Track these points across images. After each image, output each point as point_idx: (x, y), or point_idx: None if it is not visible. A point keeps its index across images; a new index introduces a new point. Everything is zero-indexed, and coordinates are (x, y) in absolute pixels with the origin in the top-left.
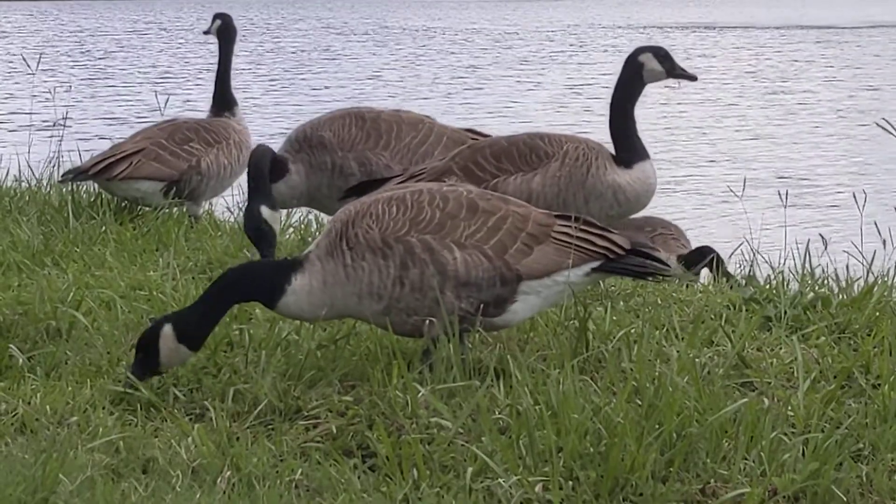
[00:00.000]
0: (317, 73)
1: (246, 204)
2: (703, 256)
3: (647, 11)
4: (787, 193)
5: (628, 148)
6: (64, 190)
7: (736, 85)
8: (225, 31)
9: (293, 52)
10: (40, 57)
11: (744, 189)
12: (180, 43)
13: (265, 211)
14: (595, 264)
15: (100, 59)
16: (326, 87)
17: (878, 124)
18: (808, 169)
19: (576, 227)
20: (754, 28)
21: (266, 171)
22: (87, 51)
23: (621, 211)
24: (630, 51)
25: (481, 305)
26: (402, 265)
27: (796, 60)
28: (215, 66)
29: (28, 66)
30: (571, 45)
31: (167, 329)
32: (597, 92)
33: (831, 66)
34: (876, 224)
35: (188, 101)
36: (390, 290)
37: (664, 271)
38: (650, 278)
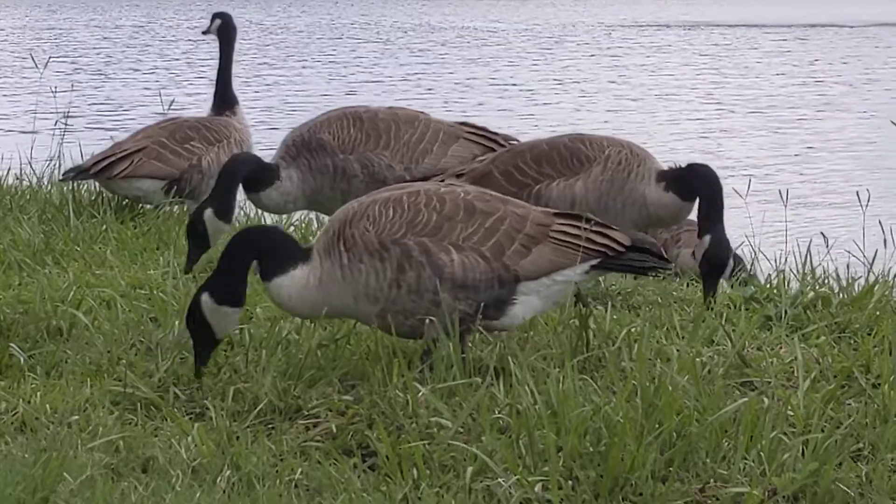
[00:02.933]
0: (289, 71)
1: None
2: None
3: (642, 9)
4: (787, 192)
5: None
6: (65, 188)
7: (728, 84)
8: (225, 30)
9: (272, 50)
10: (49, 59)
11: (748, 189)
12: (182, 41)
13: (208, 214)
14: (594, 262)
15: (101, 57)
16: (288, 84)
17: (893, 122)
18: (807, 168)
19: (584, 228)
20: (757, 26)
21: (235, 179)
22: (88, 49)
23: (650, 223)
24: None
25: (480, 307)
26: (399, 268)
27: (790, 58)
28: (216, 65)
29: (35, 64)
30: (553, 43)
31: (205, 298)
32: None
33: (829, 65)
34: (880, 222)
35: (190, 99)
36: (387, 293)
37: (664, 267)
38: (651, 274)
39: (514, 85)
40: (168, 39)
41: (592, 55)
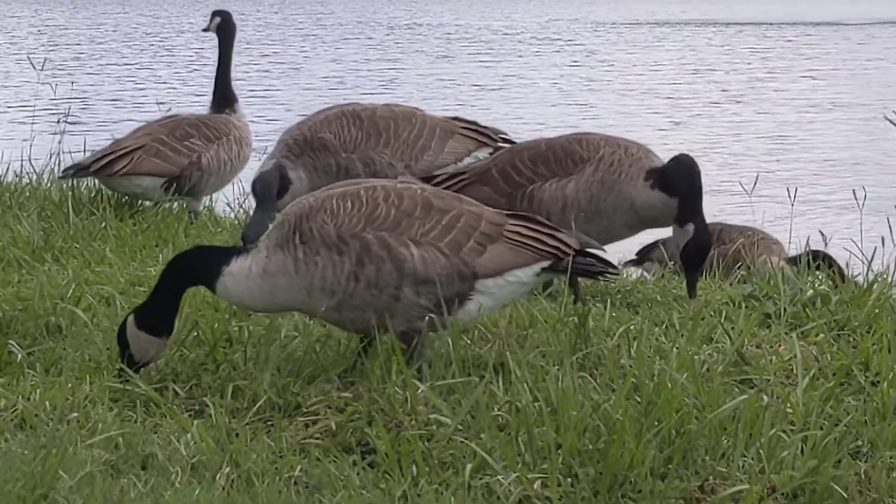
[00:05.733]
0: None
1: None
2: (814, 260)
3: (646, 6)
4: (795, 191)
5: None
6: (64, 186)
7: (729, 81)
8: (224, 28)
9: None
10: (45, 60)
11: (754, 186)
12: (182, 39)
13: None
14: (545, 264)
15: (102, 55)
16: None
17: (887, 118)
18: (807, 165)
19: (535, 230)
20: (764, 24)
21: (274, 191)
22: (90, 47)
23: (643, 225)
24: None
25: (441, 302)
26: (358, 261)
27: (791, 56)
28: (216, 63)
29: (33, 66)
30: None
31: (130, 319)
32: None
33: (828, 63)
34: (888, 220)
35: (190, 97)
36: (344, 286)
37: (612, 273)
38: (599, 278)
39: (453, 80)
40: (168, 37)
41: (561, 52)
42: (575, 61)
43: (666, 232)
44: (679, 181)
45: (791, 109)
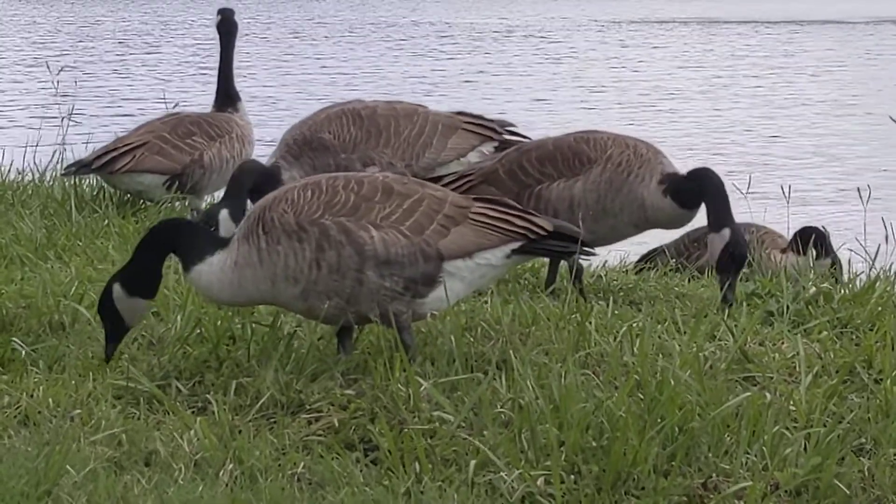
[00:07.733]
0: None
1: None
2: (809, 236)
3: (645, 5)
4: (789, 188)
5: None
6: (67, 183)
7: (725, 80)
8: (225, 26)
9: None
10: (62, 67)
11: (749, 185)
12: (186, 37)
13: (223, 214)
14: (515, 245)
15: (105, 52)
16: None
17: (892, 118)
18: (809, 163)
19: (504, 211)
20: (757, 23)
21: (245, 184)
22: (92, 44)
23: (649, 226)
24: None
25: (410, 284)
26: (318, 247)
27: (790, 55)
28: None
29: (49, 69)
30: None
31: (116, 288)
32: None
33: (826, 61)
34: (887, 223)
35: (193, 95)
36: (307, 274)
37: (587, 253)
38: (570, 259)
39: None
40: (171, 35)
41: (546, 49)
42: (556, 58)
43: (669, 235)
44: (703, 190)
45: (759, 104)
